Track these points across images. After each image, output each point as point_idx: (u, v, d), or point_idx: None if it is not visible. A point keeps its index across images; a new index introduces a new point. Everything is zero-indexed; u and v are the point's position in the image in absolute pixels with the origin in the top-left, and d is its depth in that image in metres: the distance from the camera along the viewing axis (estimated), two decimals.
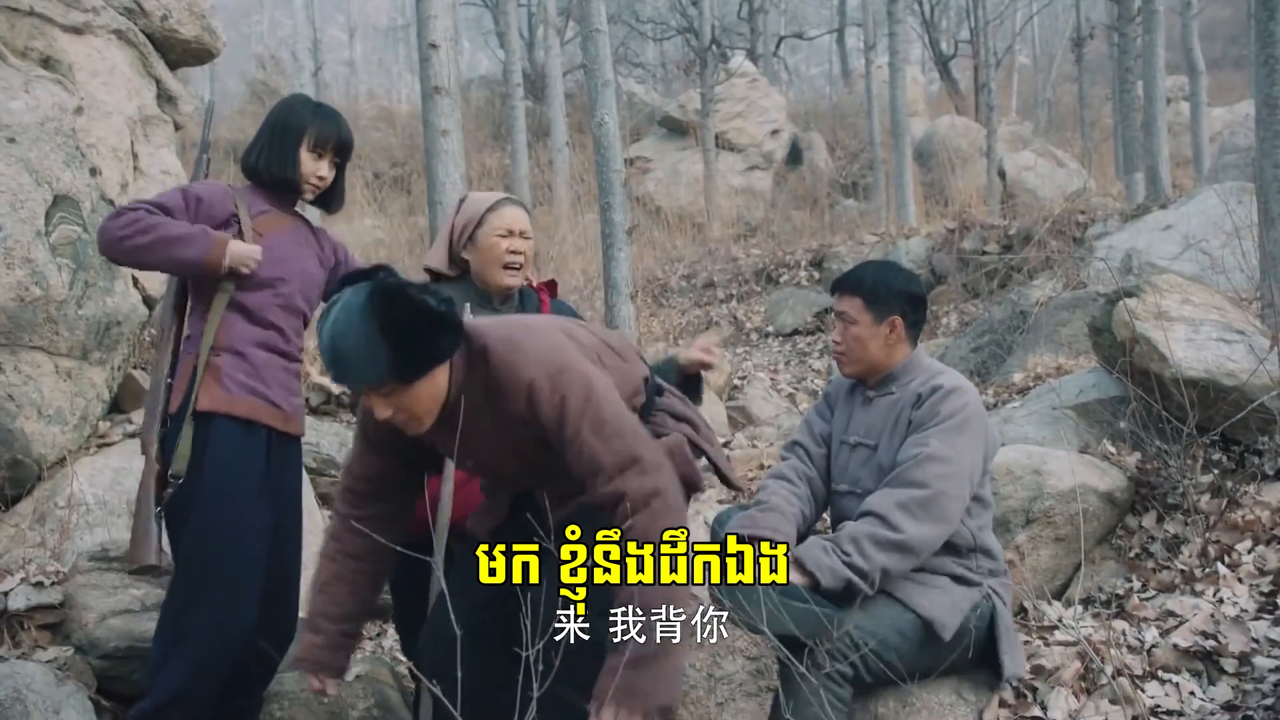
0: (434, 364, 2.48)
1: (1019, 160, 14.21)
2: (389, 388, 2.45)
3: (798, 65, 33.65)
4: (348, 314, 2.42)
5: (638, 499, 2.45)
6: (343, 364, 2.43)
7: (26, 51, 5.26)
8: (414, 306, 2.42)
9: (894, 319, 3.18)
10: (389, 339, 2.39)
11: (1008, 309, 7.68)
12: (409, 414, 2.51)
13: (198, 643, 3.10)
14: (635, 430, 2.57)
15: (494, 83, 20.95)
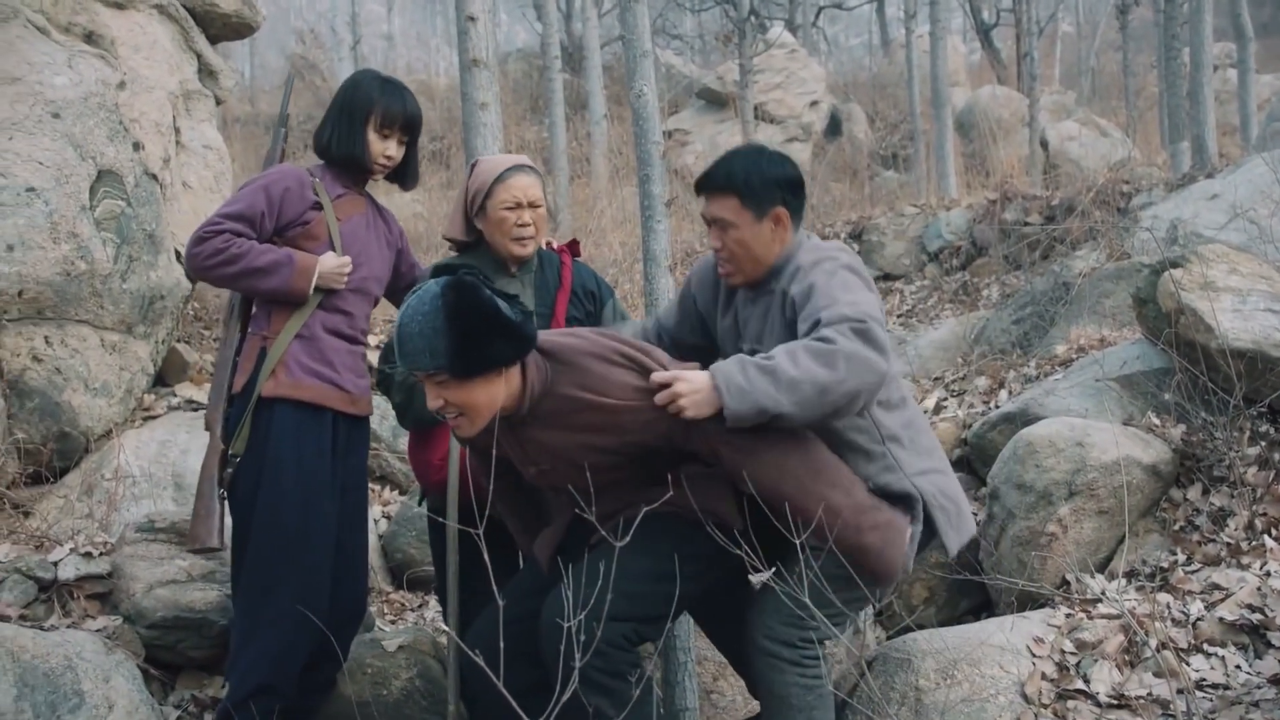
0: (489, 366, 2.55)
1: (1062, 130, 14.04)
2: (442, 377, 2.53)
3: (837, 35, 33.36)
4: (421, 300, 2.53)
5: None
6: (405, 344, 2.52)
7: (70, 27, 5.29)
8: (484, 307, 2.52)
9: (776, 211, 2.92)
10: (451, 330, 2.48)
11: (1050, 280, 7.60)
12: (458, 409, 2.59)
13: (276, 633, 3.14)
14: None
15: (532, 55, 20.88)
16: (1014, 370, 6.11)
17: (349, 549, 3.40)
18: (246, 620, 3.20)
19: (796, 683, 2.76)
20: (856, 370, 2.55)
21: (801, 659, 2.78)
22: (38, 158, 4.65)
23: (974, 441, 5.09)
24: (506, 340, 2.55)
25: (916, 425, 2.98)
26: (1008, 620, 3.57)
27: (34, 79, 4.81)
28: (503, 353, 2.56)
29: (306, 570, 3.18)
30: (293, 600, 3.14)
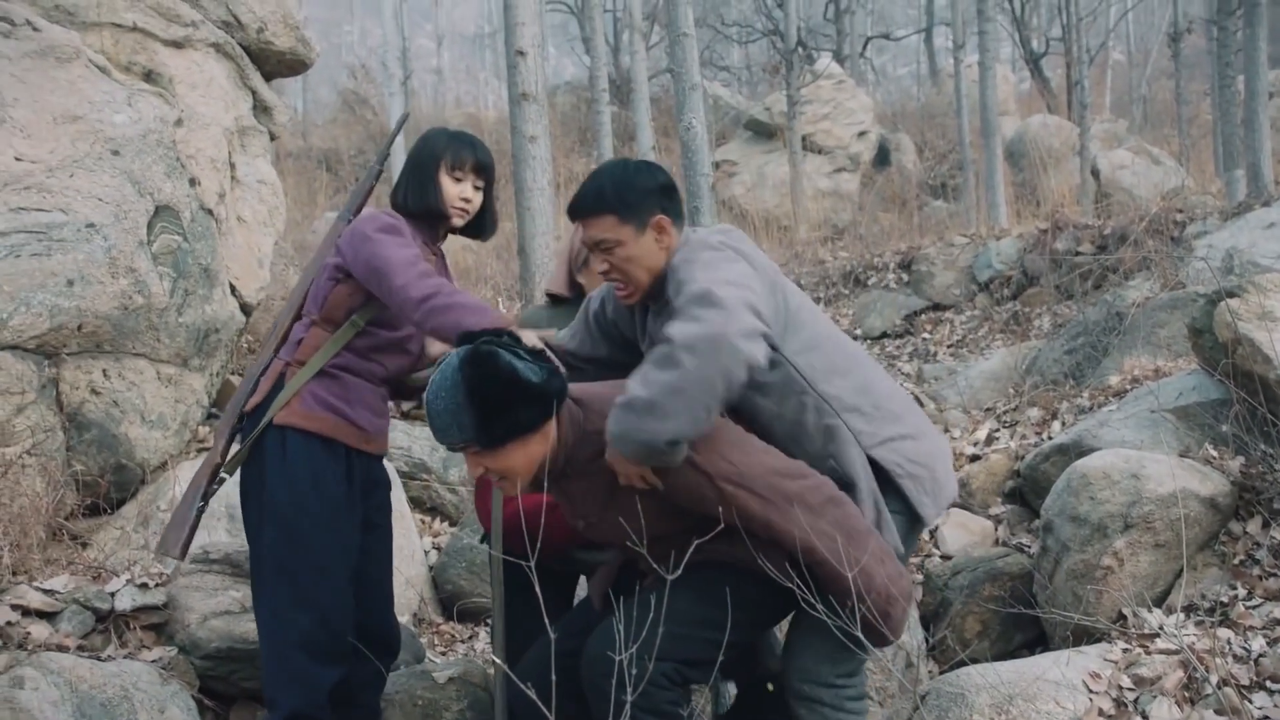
0: (516, 435, 2.57)
1: (1114, 159, 13.92)
2: (475, 448, 2.58)
3: (884, 65, 33.34)
4: (443, 375, 2.55)
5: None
6: (433, 421, 2.56)
7: (130, 66, 5.40)
8: (504, 377, 2.53)
9: (657, 220, 2.83)
10: (472, 405, 2.51)
11: (1103, 310, 7.53)
12: (498, 474, 2.63)
13: (299, 660, 3.12)
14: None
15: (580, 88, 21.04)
16: (1067, 401, 6.05)
17: (374, 584, 3.39)
18: (269, 649, 3.20)
19: (838, 717, 2.75)
20: (704, 352, 2.44)
21: (842, 701, 2.76)
22: (98, 194, 4.74)
23: (1026, 473, 5.04)
24: (528, 405, 2.56)
25: (877, 389, 2.87)
26: (1063, 655, 3.52)
27: (95, 117, 4.90)
28: (527, 417, 2.57)
29: (323, 600, 3.15)
30: (314, 627, 3.13)
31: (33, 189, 4.62)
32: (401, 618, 4.88)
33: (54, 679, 3.29)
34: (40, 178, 4.65)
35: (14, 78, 4.77)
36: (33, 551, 3.88)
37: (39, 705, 3.19)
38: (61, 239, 4.59)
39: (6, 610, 3.49)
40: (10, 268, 4.47)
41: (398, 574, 5.08)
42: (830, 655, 2.70)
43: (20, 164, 4.64)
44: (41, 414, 4.52)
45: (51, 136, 4.78)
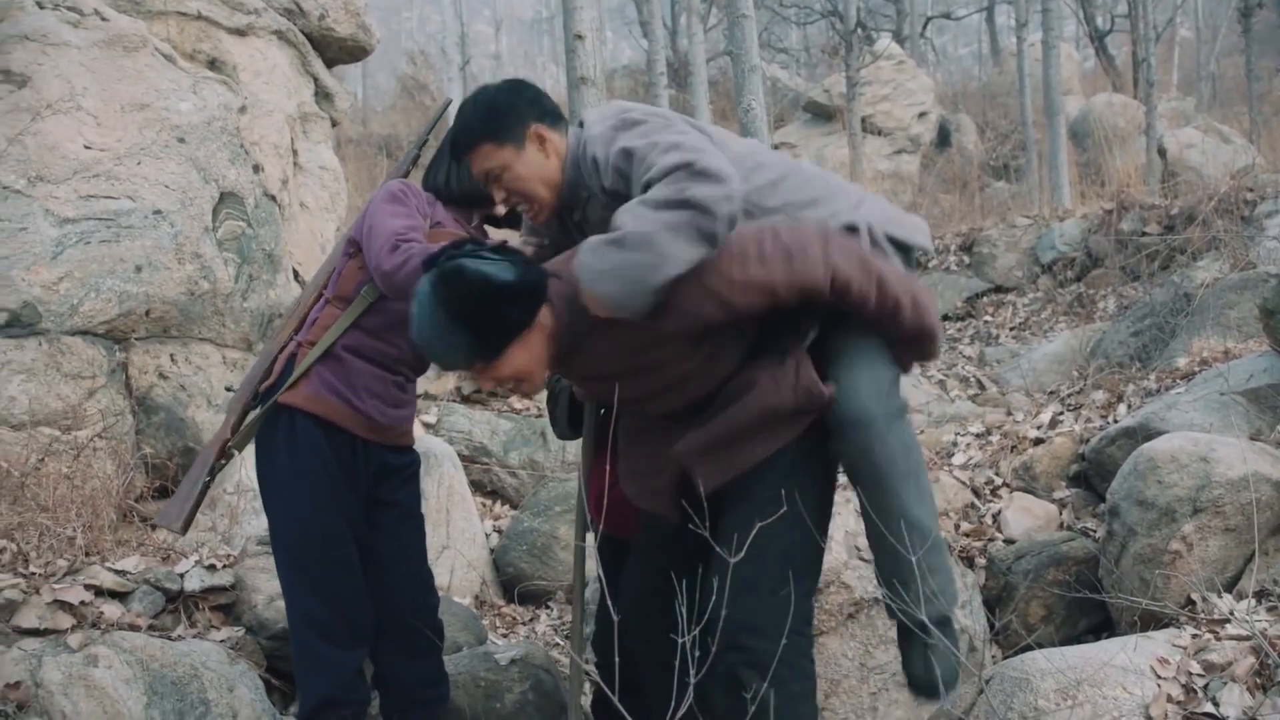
0: (512, 336, 2.49)
1: (1181, 137, 13.65)
2: (479, 365, 2.51)
3: (945, 45, 32.97)
4: (421, 307, 2.46)
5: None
6: (430, 353, 2.52)
7: (194, 54, 5.47)
8: (476, 286, 2.45)
9: (533, 130, 2.74)
10: (460, 323, 2.44)
11: (1170, 291, 7.40)
12: (513, 379, 2.56)
13: (320, 646, 3.13)
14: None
15: (638, 72, 21.03)
16: (1133, 384, 5.96)
17: (401, 577, 3.33)
18: (293, 636, 3.20)
19: (900, 442, 2.61)
20: (710, 206, 2.38)
21: (899, 411, 2.64)
22: (164, 181, 4.81)
23: (1092, 457, 4.98)
24: (513, 303, 2.48)
25: (814, 180, 2.81)
26: (1130, 640, 3.47)
27: (161, 105, 4.97)
28: (518, 315, 2.50)
29: (333, 582, 3.14)
30: (328, 614, 3.13)
31: (101, 176, 4.70)
32: (463, 600, 4.92)
33: (126, 658, 3.36)
34: (109, 165, 4.73)
35: (83, 67, 4.85)
36: (104, 533, 3.96)
37: (112, 683, 3.26)
38: (129, 225, 4.67)
39: (80, 590, 3.56)
40: (80, 254, 4.56)
41: (459, 556, 5.14)
42: (876, 386, 2.62)
43: (89, 152, 4.72)
44: (111, 398, 4.60)
45: (119, 125, 4.85)
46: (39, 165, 4.60)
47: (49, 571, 3.61)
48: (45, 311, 4.48)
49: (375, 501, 3.28)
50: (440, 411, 6.55)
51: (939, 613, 2.62)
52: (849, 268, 2.52)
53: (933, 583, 2.60)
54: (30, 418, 4.42)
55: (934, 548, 2.63)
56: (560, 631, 5.03)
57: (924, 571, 2.58)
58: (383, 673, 3.32)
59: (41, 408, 4.44)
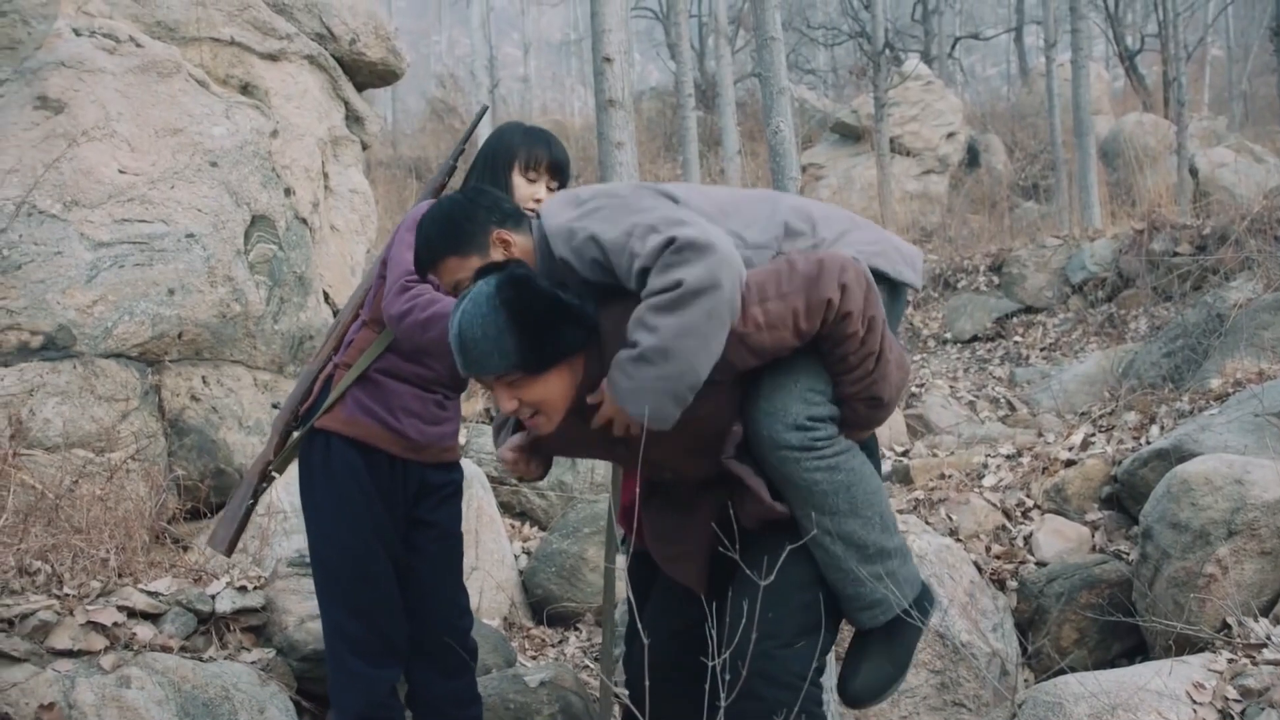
0: (561, 356, 2.44)
1: (1213, 157, 13.59)
2: (515, 377, 2.42)
3: (973, 66, 32.93)
4: (477, 303, 2.40)
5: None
6: (469, 352, 2.41)
7: (227, 79, 5.53)
8: (543, 297, 2.42)
9: (494, 234, 2.71)
10: (516, 327, 2.37)
11: (1202, 312, 7.35)
12: (535, 407, 2.47)
13: (355, 664, 3.14)
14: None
15: (665, 93, 21.09)
16: (1165, 405, 5.92)
17: (436, 597, 3.33)
18: (328, 654, 3.21)
19: (817, 466, 2.48)
20: (709, 285, 2.32)
21: (813, 441, 2.48)
22: (197, 205, 4.86)
23: (1124, 479, 4.94)
24: (573, 325, 2.45)
25: (798, 211, 2.70)
26: (1165, 664, 3.44)
27: (194, 130, 5.03)
28: (573, 338, 2.45)
29: (368, 601, 3.15)
30: (363, 632, 3.13)
31: (136, 201, 4.75)
32: (492, 622, 4.92)
33: (158, 679, 3.38)
34: (143, 190, 4.78)
35: (118, 93, 4.91)
36: (137, 554, 3.98)
37: (145, 704, 3.28)
38: (163, 249, 4.72)
39: (113, 611, 3.58)
40: (115, 278, 4.60)
41: (488, 578, 5.14)
42: (796, 398, 2.49)
43: (124, 176, 4.77)
44: (144, 420, 4.64)
45: (153, 149, 4.91)
46: (74, 190, 4.65)
47: (82, 593, 3.64)
48: (80, 334, 4.53)
49: (414, 521, 3.29)
50: (469, 433, 6.57)
51: (882, 618, 2.58)
52: (857, 297, 2.42)
53: (900, 589, 2.57)
54: (65, 440, 4.46)
55: (890, 554, 2.57)
56: (589, 653, 5.03)
57: (859, 582, 2.53)
58: (416, 691, 3.33)
59: (76, 430, 4.49)
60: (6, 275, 4.47)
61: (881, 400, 2.51)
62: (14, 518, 3.91)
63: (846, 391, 2.49)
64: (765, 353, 2.43)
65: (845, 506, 2.50)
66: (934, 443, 7.28)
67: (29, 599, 3.52)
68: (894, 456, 6.89)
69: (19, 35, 4.62)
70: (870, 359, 2.45)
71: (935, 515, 5.13)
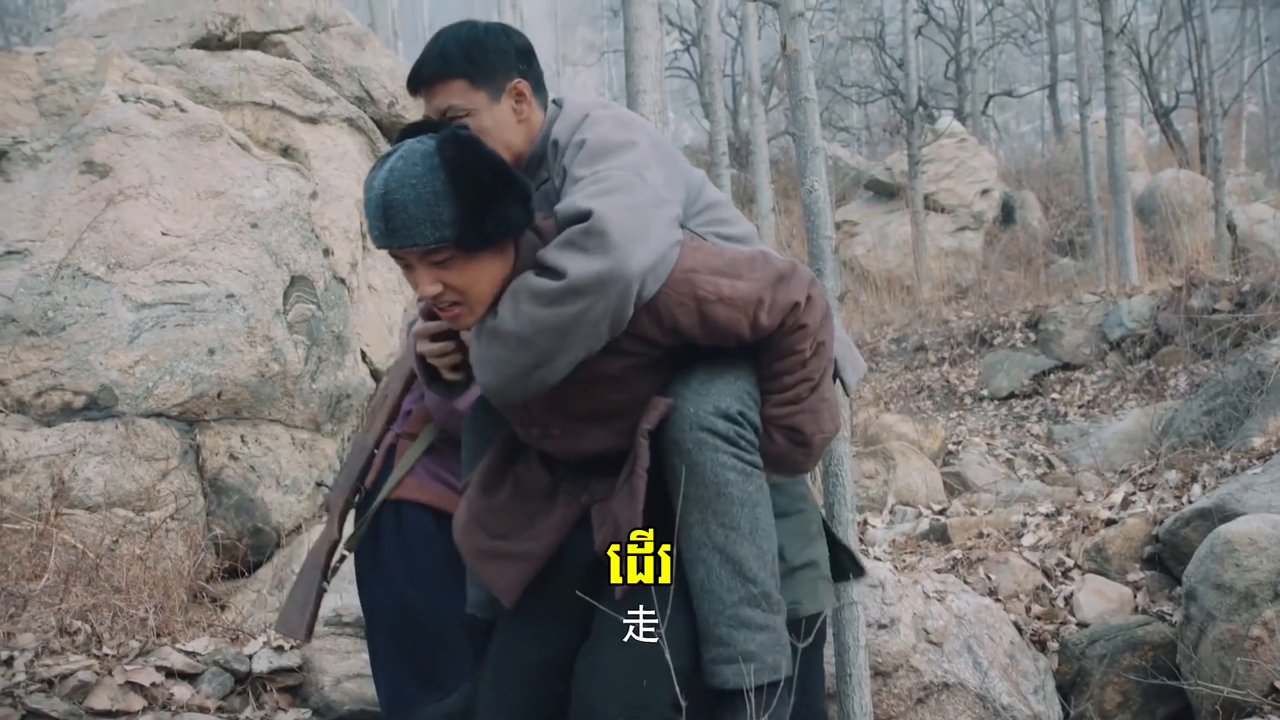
0: (501, 234, 2.11)
1: (1252, 213, 13.51)
2: (445, 254, 2.08)
3: (1007, 123, 32.98)
4: (410, 160, 2.05)
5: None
6: (395, 217, 2.04)
7: (268, 142, 5.63)
8: (491, 162, 2.10)
9: (514, 85, 2.41)
10: (457, 192, 2.04)
11: (1243, 369, 7.28)
12: (460, 295, 2.13)
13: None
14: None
15: (699, 151, 21.23)
16: (1207, 463, 5.85)
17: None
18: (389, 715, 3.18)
19: (734, 465, 2.17)
20: (592, 290, 2.03)
21: (739, 437, 2.18)
22: (237, 265, 4.93)
23: (1166, 539, 4.88)
24: (517, 202, 2.13)
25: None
26: None
27: (235, 192, 5.11)
28: (517, 217, 2.13)
29: (441, 670, 3.10)
30: (433, 701, 3.06)
31: (178, 262, 4.82)
32: None
33: None
34: (185, 251, 4.86)
35: (162, 156, 5.01)
36: (175, 614, 4.00)
37: None
38: (204, 309, 4.78)
39: (152, 672, 3.59)
40: (156, 338, 4.66)
41: None
42: (730, 392, 2.20)
43: (166, 238, 4.85)
44: (184, 479, 4.68)
45: (195, 211, 4.99)
46: (118, 252, 4.73)
47: (121, 653, 3.66)
48: (121, 394, 4.59)
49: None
50: None
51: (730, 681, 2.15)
52: (816, 314, 2.21)
53: (747, 642, 2.16)
54: (106, 499, 4.50)
55: (774, 608, 2.21)
56: None
57: (736, 623, 2.16)
58: None
59: (116, 489, 4.53)
60: (51, 336, 4.54)
61: (803, 434, 2.22)
62: (55, 577, 3.94)
63: (770, 413, 2.21)
64: (711, 329, 2.16)
65: (746, 526, 2.17)
66: (971, 501, 7.21)
67: (69, 659, 3.55)
68: (931, 515, 6.83)
69: (67, 102, 4.73)
70: (806, 385, 2.20)
71: (974, 574, 5.08)
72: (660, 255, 2.10)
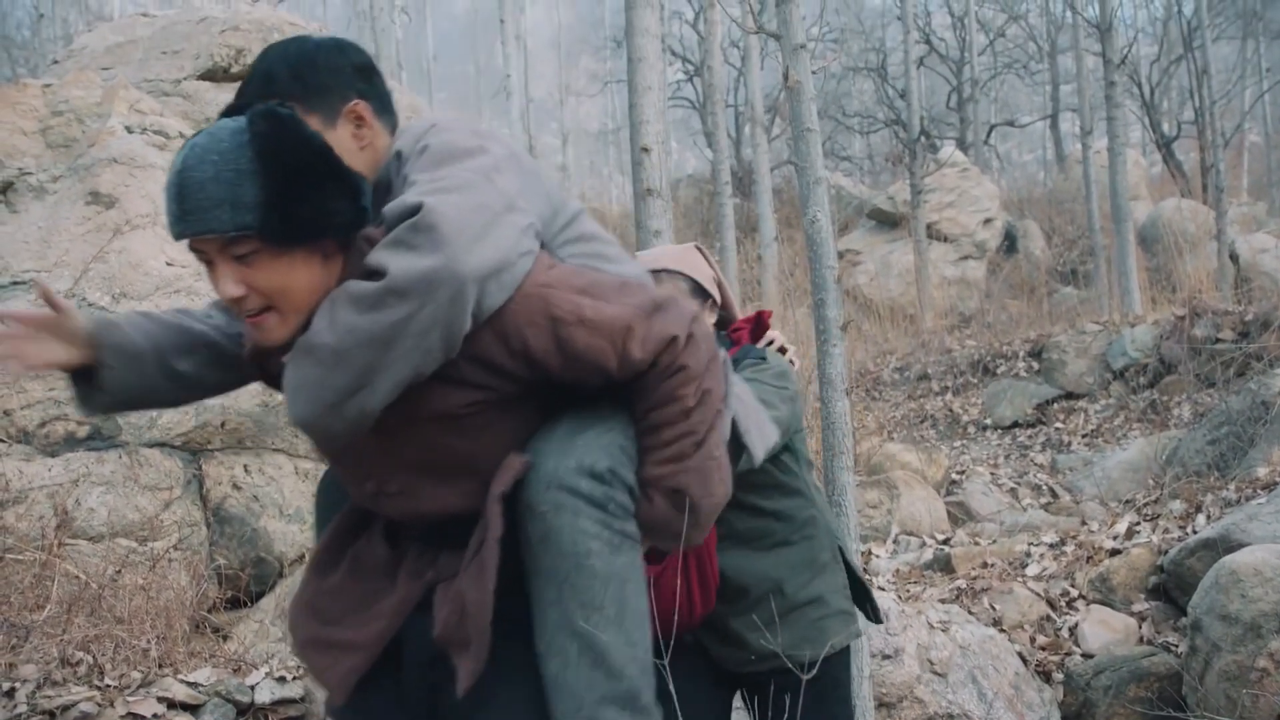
0: (319, 230, 1.75)
1: (1254, 242, 13.54)
2: (249, 246, 1.72)
3: (1009, 152, 33.09)
4: (215, 136, 1.74)
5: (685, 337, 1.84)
6: (189, 197, 1.70)
7: None
8: (312, 143, 1.76)
9: (352, 106, 2.03)
10: (265, 172, 1.70)
11: (1247, 399, 7.28)
12: (269, 299, 1.76)
13: None
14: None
15: (702, 181, 21.31)
16: (1211, 493, 5.84)
17: None
18: None
19: (598, 533, 1.79)
20: (417, 291, 1.70)
21: (607, 499, 1.81)
22: None
23: (1171, 569, 4.87)
24: (343, 193, 1.77)
25: None
26: None
27: None
28: (340, 213, 1.77)
29: None
30: None
31: (182, 292, 4.84)
32: None
33: None
34: (189, 281, 4.87)
35: None
36: (178, 644, 3.99)
37: None
38: None
39: (153, 703, 3.58)
40: None
41: None
42: (606, 449, 1.85)
43: (171, 269, 4.86)
44: (187, 509, 4.67)
45: None
46: (123, 282, 4.75)
47: (123, 684, 3.64)
48: (125, 424, 4.59)
49: None
50: None
51: None
52: (700, 357, 1.86)
53: None
54: (109, 529, 4.50)
55: (646, 713, 1.83)
56: None
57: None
58: None
59: (119, 519, 4.52)
60: None
61: (687, 496, 1.85)
62: (57, 608, 3.93)
63: (649, 473, 1.85)
64: (570, 358, 1.81)
65: (612, 608, 1.80)
66: (975, 530, 7.20)
67: (70, 690, 3.53)
68: (935, 544, 6.82)
69: (74, 133, 4.75)
70: (690, 441, 1.84)
71: (978, 605, 5.07)
72: (504, 259, 1.77)
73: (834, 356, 4.11)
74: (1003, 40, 24.79)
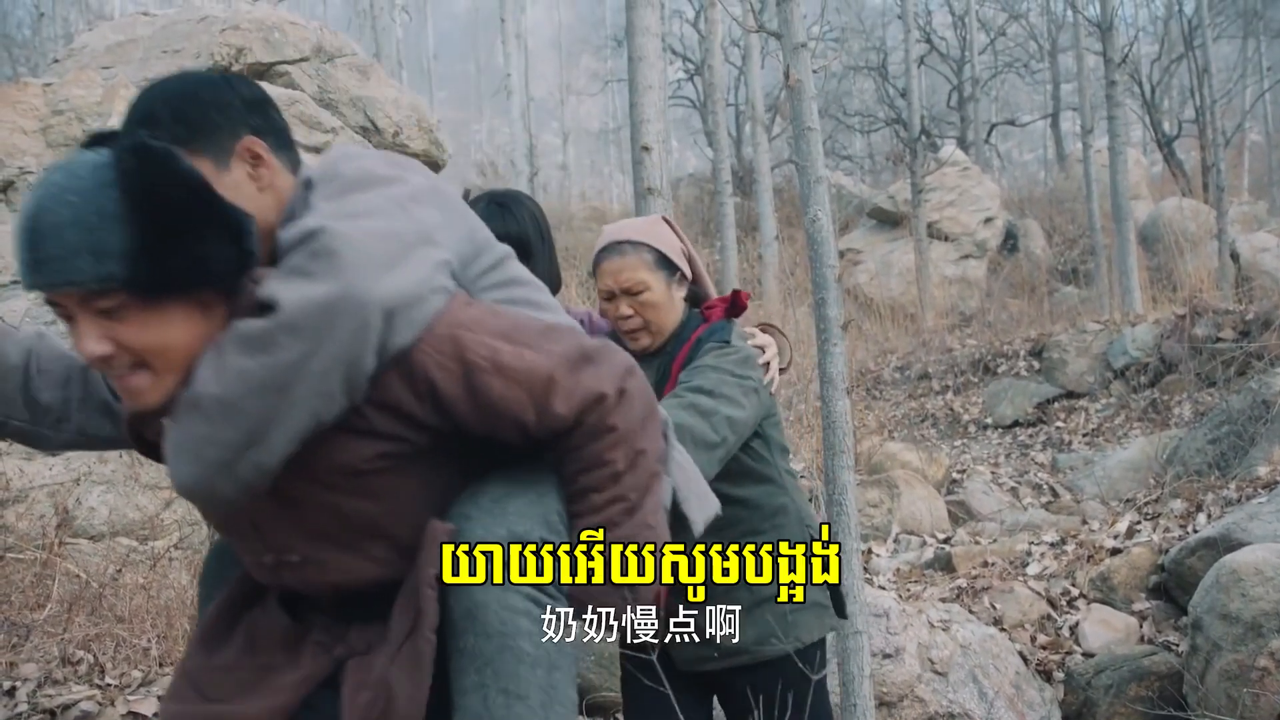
0: (196, 280, 1.53)
1: (1255, 241, 13.54)
2: (116, 299, 1.48)
3: (1010, 151, 33.10)
4: (73, 174, 1.48)
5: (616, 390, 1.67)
6: (43, 244, 1.45)
7: None
8: (189, 180, 1.53)
9: (245, 144, 1.77)
10: (134, 215, 1.46)
11: (1248, 398, 7.28)
12: (140, 357, 1.53)
13: None
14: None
15: (703, 180, 21.31)
16: (1212, 493, 5.85)
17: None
18: None
19: (528, 611, 1.63)
20: (314, 325, 1.52)
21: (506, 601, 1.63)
22: None
23: (1171, 568, 4.87)
24: (226, 239, 1.55)
25: None
26: None
27: None
28: (221, 259, 1.54)
29: None
30: None
31: None
32: None
33: None
34: None
35: None
36: (178, 643, 3.99)
37: None
38: None
39: (154, 702, 3.58)
40: None
41: None
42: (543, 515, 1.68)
43: None
44: (187, 508, 4.67)
45: None
46: None
47: (124, 683, 3.65)
48: None
49: None
50: None
51: None
52: (633, 415, 1.69)
53: None
54: (109, 528, 4.50)
55: None
56: None
57: None
58: None
59: (120, 519, 4.52)
60: None
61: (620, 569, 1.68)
62: (58, 607, 3.94)
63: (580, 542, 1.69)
64: (483, 408, 1.63)
65: (538, 696, 1.61)
66: (976, 529, 7.20)
67: (71, 689, 3.54)
68: (935, 544, 6.82)
69: (74, 133, 4.75)
70: (620, 507, 1.67)
71: (979, 604, 5.07)
72: (414, 292, 1.59)
73: (835, 356, 4.10)
74: (1003, 39, 24.79)
